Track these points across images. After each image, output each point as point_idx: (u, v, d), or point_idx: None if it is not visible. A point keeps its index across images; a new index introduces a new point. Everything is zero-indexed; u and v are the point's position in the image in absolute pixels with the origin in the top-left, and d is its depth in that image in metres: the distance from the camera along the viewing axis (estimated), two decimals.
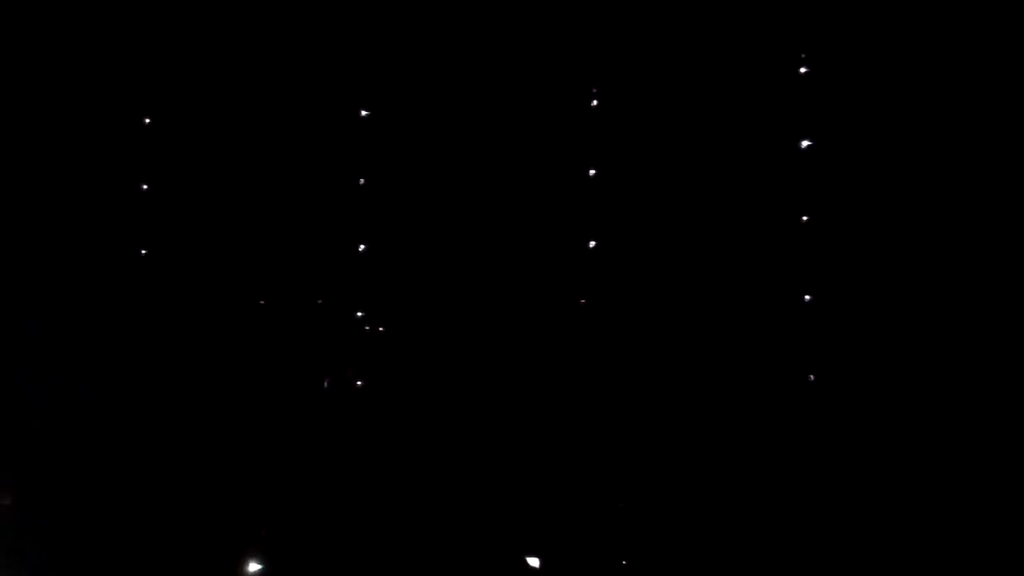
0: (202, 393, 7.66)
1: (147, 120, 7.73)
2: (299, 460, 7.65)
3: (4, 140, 7.65)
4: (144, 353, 7.64)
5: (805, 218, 7.88)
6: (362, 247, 7.81)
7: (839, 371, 7.80)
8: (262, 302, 7.79)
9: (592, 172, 7.89)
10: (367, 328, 7.82)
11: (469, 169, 7.87)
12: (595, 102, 7.90)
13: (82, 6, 7.69)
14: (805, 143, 7.86)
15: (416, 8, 7.86)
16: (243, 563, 7.41)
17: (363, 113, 7.83)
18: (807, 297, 7.85)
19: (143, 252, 7.72)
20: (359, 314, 7.81)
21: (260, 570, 7.37)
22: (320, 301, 7.80)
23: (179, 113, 7.77)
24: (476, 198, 7.86)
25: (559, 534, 7.65)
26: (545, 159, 7.89)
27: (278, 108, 7.80)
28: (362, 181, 7.84)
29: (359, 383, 7.77)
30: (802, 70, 7.89)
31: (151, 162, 7.76)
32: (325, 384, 7.72)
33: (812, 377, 7.79)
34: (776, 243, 7.89)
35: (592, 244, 7.87)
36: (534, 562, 7.60)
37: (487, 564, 7.58)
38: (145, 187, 7.73)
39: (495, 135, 7.86)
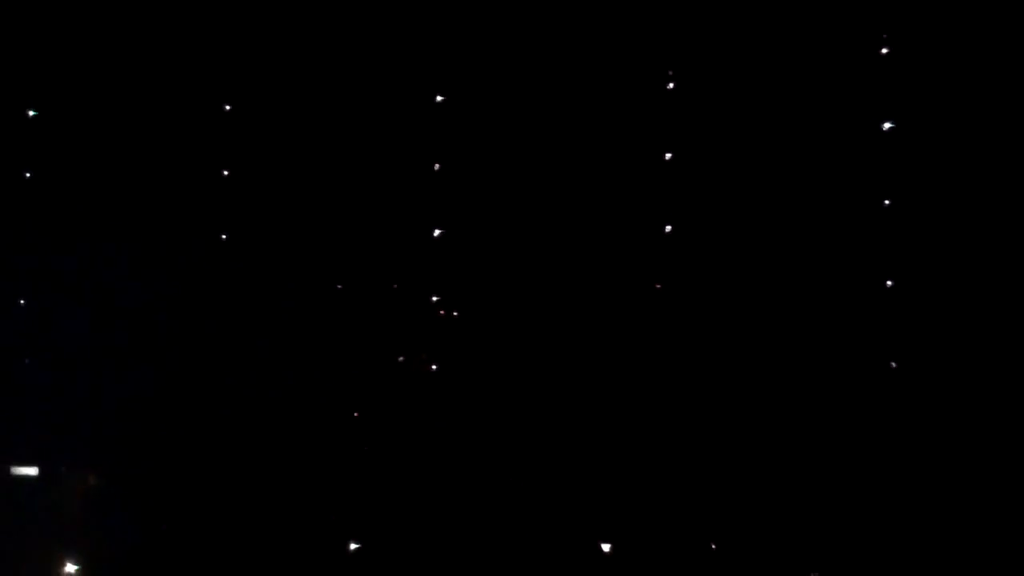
0: (281, 376, 7.76)
1: (227, 107, 7.87)
2: (375, 443, 7.72)
3: (88, 128, 7.86)
4: (223, 337, 7.78)
5: (887, 202, 7.71)
6: (437, 232, 7.84)
7: (922, 358, 7.61)
8: (339, 286, 7.87)
9: (668, 156, 7.83)
10: (441, 312, 7.85)
11: (545, 153, 7.85)
12: (671, 85, 7.84)
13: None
14: (887, 125, 7.70)
15: None
16: (335, 543, 7.53)
17: (438, 99, 7.87)
18: (889, 283, 7.69)
19: (223, 237, 7.85)
20: (434, 298, 7.85)
21: (356, 548, 7.46)
22: (395, 286, 7.85)
23: (259, 100, 7.89)
24: (551, 181, 7.84)
25: (636, 519, 7.61)
26: (620, 142, 7.85)
27: (353, 95, 7.88)
28: (437, 167, 7.88)
29: (433, 367, 7.81)
30: (884, 51, 7.74)
31: (232, 149, 7.89)
32: (400, 367, 7.77)
33: (894, 364, 7.62)
34: (858, 228, 7.73)
35: (668, 228, 7.80)
36: (606, 547, 7.57)
37: (560, 546, 7.56)
38: (226, 173, 7.87)
39: (569, 118, 7.84)
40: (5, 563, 7.38)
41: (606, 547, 7.56)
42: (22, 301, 7.74)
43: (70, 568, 7.27)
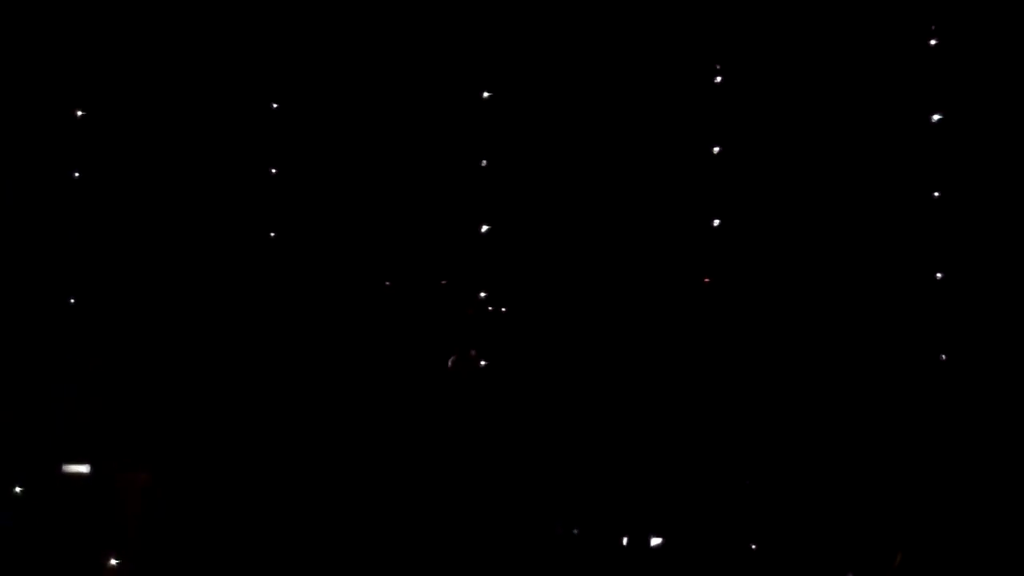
0: (331, 372, 7.78)
1: (275, 105, 7.89)
2: (425, 438, 7.73)
3: (142, 128, 7.90)
4: (274, 334, 7.80)
5: (936, 194, 7.68)
6: (484, 228, 7.84)
7: (972, 350, 7.57)
8: (388, 283, 7.88)
9: (716, 150, 7.81)
10: (490, 308, 7.85)
11: (591, 149, 7.84)
12: (719, 79, 7.82)
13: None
14: (936, 117, 7.67)
15: None
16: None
17: (484, 95, 7.88)
18: (939, 275, 7.65)
19: (272, 235, 7.87)
20: (482, 295, 7.85)
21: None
22: (444, 282, 7.86)
23: (306, 99, 7.91)
24: (598, 178, 7.83)
25: (687, 514, 7.60)
26: (667, 138, 7.83)
27: (403, 92, 7.88)
28: (484, 163, 7.88)
29: (482, 363, 7.81)
30: (932, 42, 7.71)
31: (280, 147, 7.91)
32: (449, 364, 7.77)
33: (944, 356, 7.59)
34: (907, 220, 7.70)
35: (716, 223, 7.79)
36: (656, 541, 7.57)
37: (609, 540, 7.57)
38: (274, 171, 7.89)
39: (617, 115, 7.82)
40: (58, 560, 7.43)
41: (656, 540, 7.56)
42: (72, 300, 7.79)
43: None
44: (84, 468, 7.59)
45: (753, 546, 7.50)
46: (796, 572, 7.42)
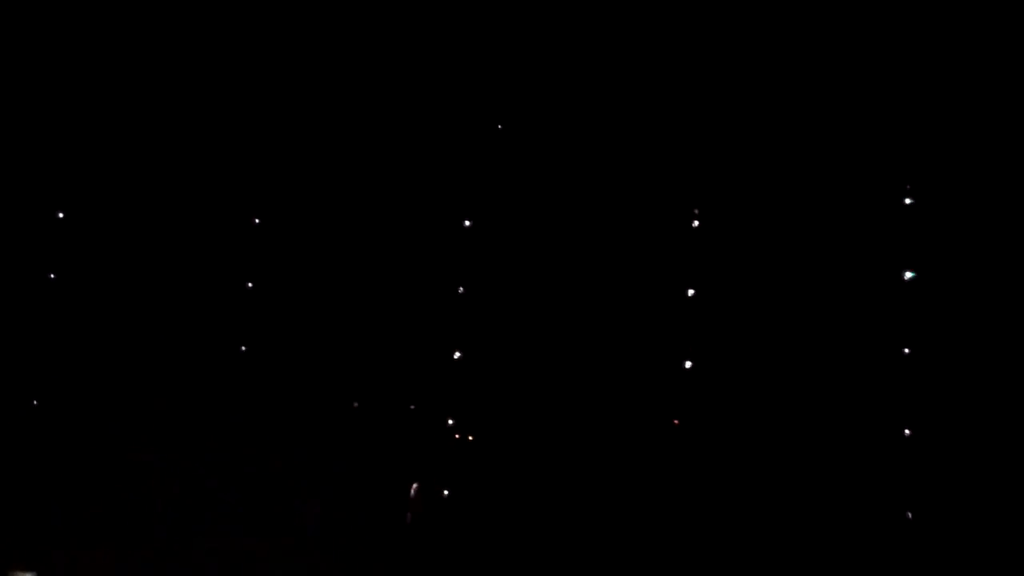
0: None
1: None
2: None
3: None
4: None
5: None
6: (457, 355, 7.84)
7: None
8: (356, 404, 7.89)
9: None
10: (456, 436, 7.82)
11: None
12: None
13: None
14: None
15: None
16: None
17: (466, 224, 7.97)
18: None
19: (243, 349, 7.93)
20: (450, 421, 7.83)
21: None
22: (412, 407, 7.85)
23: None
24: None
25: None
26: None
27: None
28: (461, 290, 7.92)
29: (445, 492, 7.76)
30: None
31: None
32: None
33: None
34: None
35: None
36: None
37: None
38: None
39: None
40: None
41: None
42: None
43: None
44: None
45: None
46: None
